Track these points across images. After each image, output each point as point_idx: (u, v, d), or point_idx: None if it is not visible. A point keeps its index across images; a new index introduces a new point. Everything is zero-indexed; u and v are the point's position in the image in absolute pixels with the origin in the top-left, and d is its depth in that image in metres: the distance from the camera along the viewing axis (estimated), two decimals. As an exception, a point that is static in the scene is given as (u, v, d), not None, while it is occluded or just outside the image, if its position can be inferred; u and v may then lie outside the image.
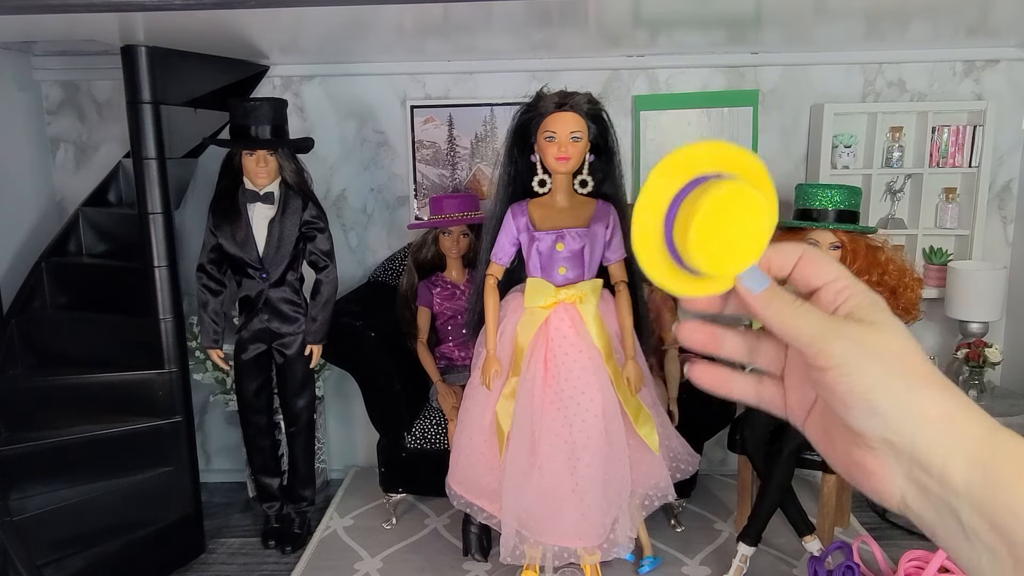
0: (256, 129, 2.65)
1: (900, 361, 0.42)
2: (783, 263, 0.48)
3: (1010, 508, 0.37)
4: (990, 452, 0.38)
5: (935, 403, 0.40)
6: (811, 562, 2.59)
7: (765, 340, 0.50)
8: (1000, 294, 3.06)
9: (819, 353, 0.43)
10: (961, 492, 0.39)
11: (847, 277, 0.47)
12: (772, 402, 0.51)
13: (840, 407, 0.43)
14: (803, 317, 0.44)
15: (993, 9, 2.55)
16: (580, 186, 2.34)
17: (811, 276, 0.47)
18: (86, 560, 2.59)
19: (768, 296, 0.46)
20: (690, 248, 0.46)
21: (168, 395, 2.81)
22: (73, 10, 2.06)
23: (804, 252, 0.48)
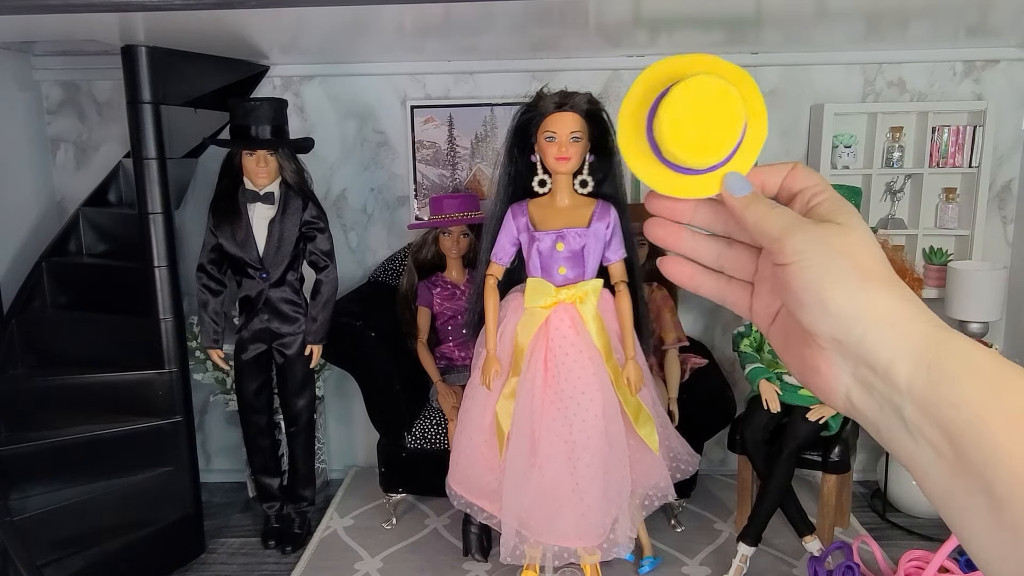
0: (256, 129, 2.65)
1: (857, 260, 0.42)
2: (774, 181, 0.50)
3: (951, 403, 0.37)
4: (934, 350, 0.39)
5: (886, 302, 0.41)
6: (811, 562, 2.59)
7: (737, 247, 0.51)
8: (1000, 294, 3.06)
9: (782, 248, 0.44)
10: (904, 389, 0.39)
11: (825, 184, 0.48)
12: (736, 304, 0.51)
13: (795, 304, 0.44)
14: (774, 215, 0.46)
15: (993, 9, 2.55)
16: (580, 186, 2.34)
17: (794, 184, 0.49)
18: (86, 560, 2.59)
19: (749, 198, 0.48)
20: (665, 138, 0.48)
21: (168, 395, 2.81)
22: (73, 10, 2.06)
23: (795, 165, 0.50)
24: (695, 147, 0.48)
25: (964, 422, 0.36)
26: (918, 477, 0.40)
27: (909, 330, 0.40)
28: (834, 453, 2.80)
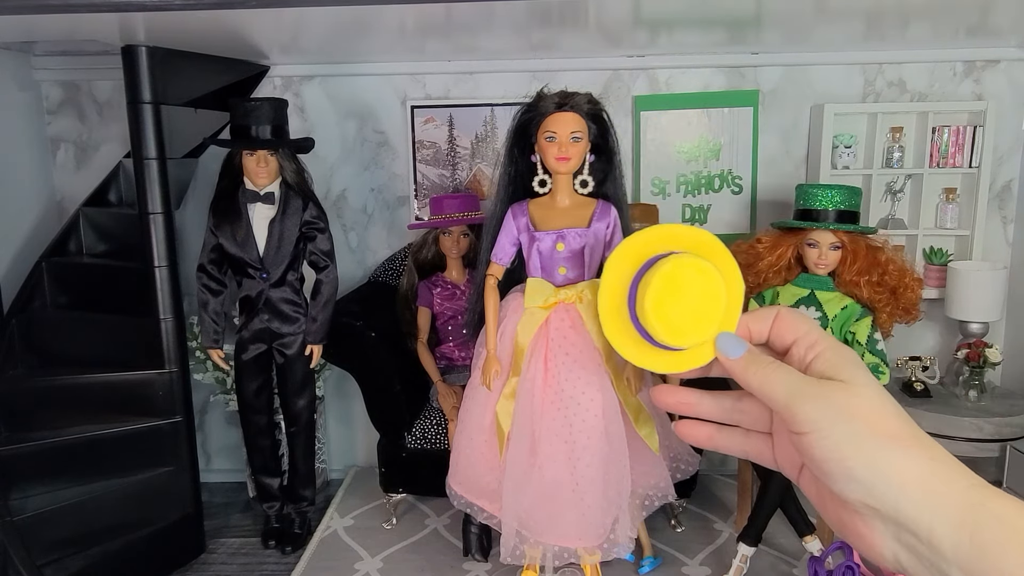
0: (256, 129, 2.65)
1: (872, 423, 0.42)
2: (761, 327, 0.50)
3: (999, 571, 0.37)
4: (975, 515, 0.38)
5: (912, 465, 0.40)
6: (811, 562, 2.59)
7: (748, 400, 0.50)
8: (1000, 294, 3.06)
9: (794, 417, 0.44)
10: (950, 556, 0.38)
11: (817, 331, 0.48)
12: (760, 456, 0.51)
13: (820, 473, 0.43)
14: (777, 378, 0.45)
15: (993, 9, 2.55)
16: (580, 186, 2.34)
17: (785, 333, 0.49)
18: (86, 560, 2.59)
19: (746, 360, 0.48)
20: (651, 326, 0.48)
21: (168, 395, 2.81)
22: (74, 10, 2.06)
23: (778, 312, 0.50)
24: (684, 331, 0.49)
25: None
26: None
27: (945, 494, 0.39)
28: (834, 453, 2.80)
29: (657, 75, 3.33)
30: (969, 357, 3.01)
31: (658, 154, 3.38)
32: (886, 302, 2.61)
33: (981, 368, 3.01)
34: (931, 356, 3.10)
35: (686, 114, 3.34)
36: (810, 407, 0.43)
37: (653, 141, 3.37)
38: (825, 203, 2.72)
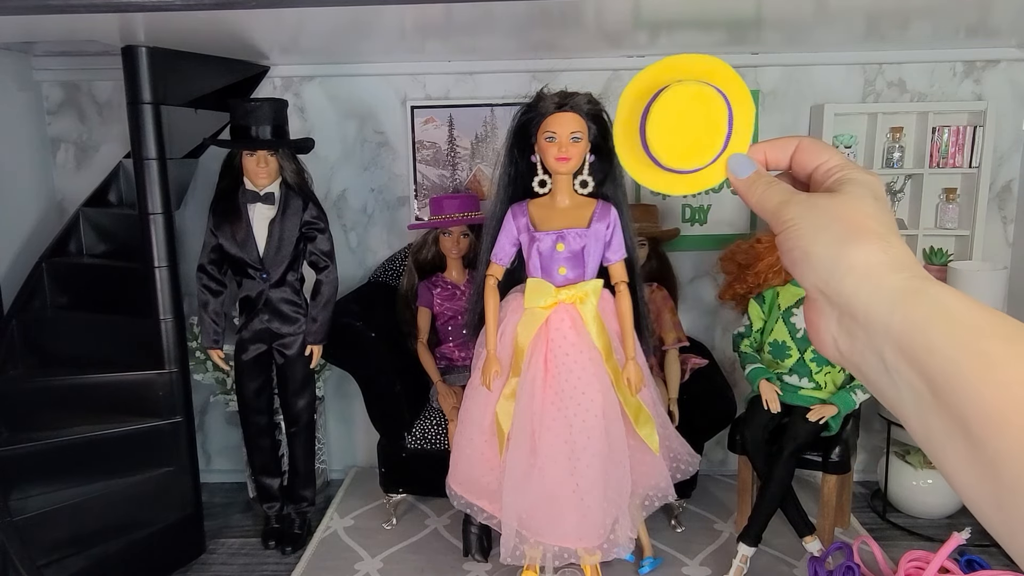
0: (256, 129, 2.65)
1: (844, 220, 0.45)
2: (779, 156, 0.53)
3: (926, 348, 0.39)
4: (910, 298, 0.41)
5: (864, 254, 0.43)
6: (811, 562, 2.58)
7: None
8: (1000, 295, 3.06)
9: (777, 219, 0.48)
10: (882, 334, 0.41)
11: (837, 157, 0.50)
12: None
13: (788, 264, 0.47)
14: (772, 191, 0.50)
15: (993, 9, 2.55)
16: (580, 186, 2.34)
17: (807, 162, 0.52)
18: (86, 560, 2.59)
19: (752, 178, 0.51)
20: (660, 154, 0.51)
21: (168, 395, 2.81)
22: (73, 10, 2.06)
23: (800, 142, 0.52)
24: (689, 155, 0.51)
25: (939, 367, 0.38)
26: (902, 418, 0.42)
27: (884, 278, 0.42)
28: (834, 453, 2.80)
29: (657, 75, 3.33)
30: (969, 357, 3.01)
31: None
32: None
33: (981, 368, 3.00)
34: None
35: (686, 114, 3.34)
36: (793, 208, 0.47)
37: (653, 141, 3.36)
38: (825, 203, 2.72)
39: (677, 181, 0.53)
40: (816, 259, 0.45)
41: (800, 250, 0.46)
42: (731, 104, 0.52)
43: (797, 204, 0.47)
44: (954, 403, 0.37)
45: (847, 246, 0.44)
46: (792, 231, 0.47)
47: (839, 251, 0.44)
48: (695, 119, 0.51)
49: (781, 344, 2.80)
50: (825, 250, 0.45)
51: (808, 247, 0.45)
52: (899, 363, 0.40)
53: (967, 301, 0.40)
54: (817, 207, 0.47)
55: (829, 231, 0.45)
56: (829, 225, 0.45)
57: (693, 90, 0.51)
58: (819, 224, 0.46)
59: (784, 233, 0.47)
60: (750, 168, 0.52)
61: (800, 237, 0.46)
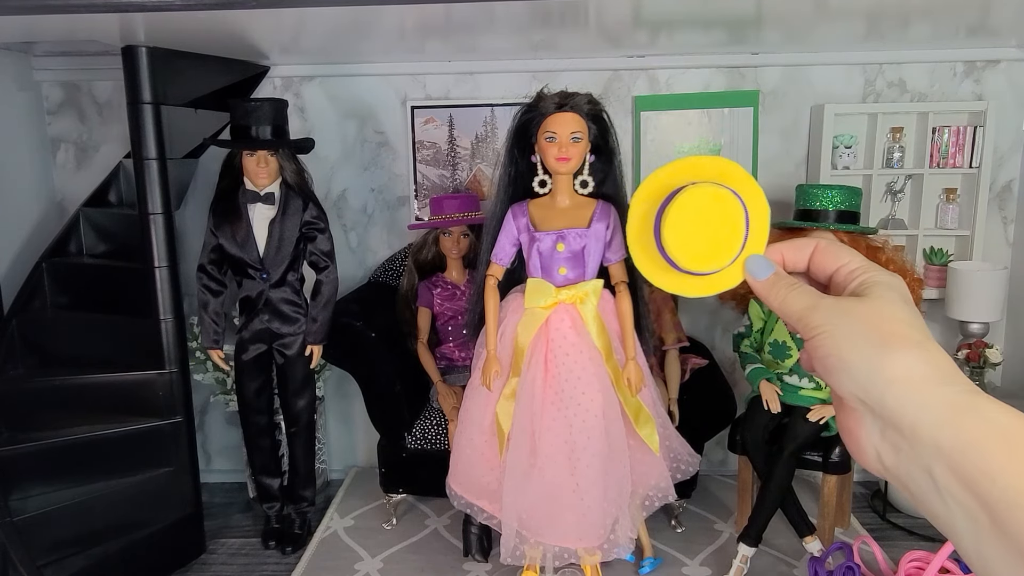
0: (257, 129, 2.65)
1: (877, 325, 0.43)
2: (797, 257, 0.52)
3: (984, 473, 0.36)
4: (961, 413, 0.38)
5: (906, 365, 0.41)
6: (812, 563, 2.58)
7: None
8: (1000, 295, 3.06)
9: (805, 324, 0.46)
10: (932, 452, 0.39)
11: (858, 259, 0.49)
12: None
13: (822, 371, 0.45)
14: (795, 294, 0.48)
15: (993, 9, 2.55)
16: (581, 186, 2.34)
17: (826, 264, 0.51)
18: (86, 560, 2.59)
19: (771, 280, 0.50)
20: (673, 253, 0.51)
21: (168, 395, 2.81)
22: (73, 10, 2.06)
23: (818, 244, 0.51)
24: (706, 257, 0.51)
25: (999, 494, 0.35)
26: (952, 539, 0.39)
27: (931, 393, 0.40)
28: (834, 454, 2.80)
29: (657, 75, 3.33)
30: (969, 358, 3.01)
31: (658, 154, 3.38)
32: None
33: (981, 369, 3.00)
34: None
35: (686, 114, 3.34)
36: (821, 313, 0.46)
37: (653, 141, 3.37)
38: (825, 203, 2.72)
39: (693, 283, 0.53)
40: (854, 368, 0.43)
41: (836, 358, 0.44)
42: (746, 205, 0.52)
43: (826, 309, 0.46)
44: (1018, 534, 0.34)
45: (886, 355, 0.42)
46: (825, 338, 0.45)
47: (879, 360, 0.42)
48: (712, 221, 0.50)
49: (781, 344, 2.80)
50: (863, 359, 0.42)
51: (844, 355, 0.43)
52: (951, 484, 0.38)
53: (1022, 419, 0.37)
54: (848, 312, 0.45)
55: (865, 338, 0.43)
56: (864, 332, 0.43)
57: (710, 192, 0.51)
58: (853, 331, 0.44)
59: (816, 340, 0.45)
60: (768, 270, 0.51)
61: (834, 345, 0.44)
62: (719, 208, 0.51)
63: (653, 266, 0.53)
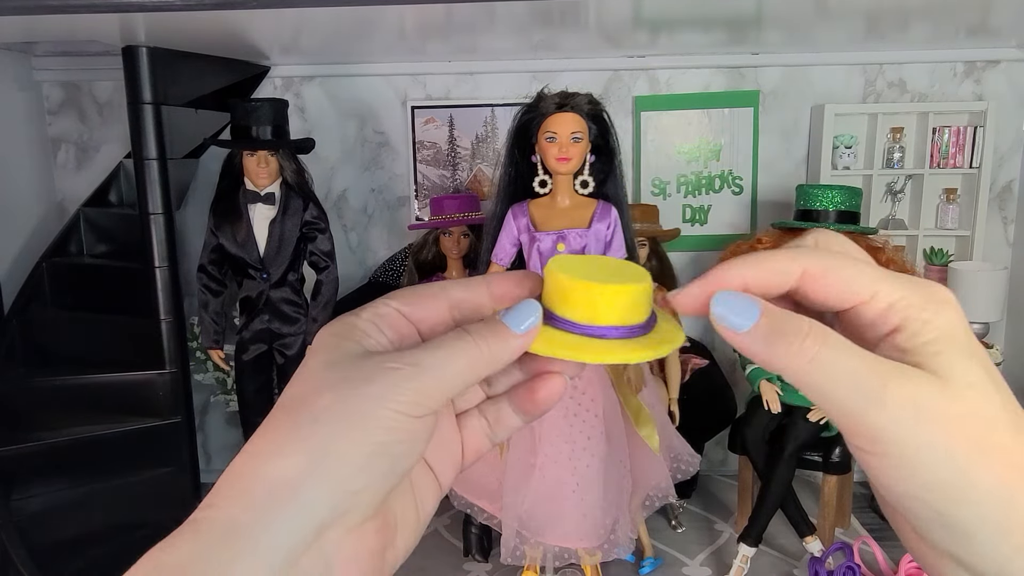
0: (257, 130, 2.65)
1: (981, 444, 0.27)
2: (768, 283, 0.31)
3: None
4: None
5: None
6: (812, 563, 2.58)
7: None
8: (1001, 295, 3.05)
9: (857, 430, 0.28)
10: None
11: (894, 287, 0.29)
12: None
13: (897, 506, 0.30)
14: (827, 366, 0.28)
15: (993, 10, 2.55)
16: (581, 187, 2.34)
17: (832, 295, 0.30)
18: (86, 560, 2.59)
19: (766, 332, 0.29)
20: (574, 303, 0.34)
21: (168, 395, 2.81)
22: (73, 10, 2.06)
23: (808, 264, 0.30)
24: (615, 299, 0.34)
25: None
26: None
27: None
28: (835, 454, 2.80)
29: (657, 75, 3.33)
30: (970, 357, 3.01)
31: (658, 154, 3.38)
32: None
33: (982, 368, 3.00)
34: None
35: (686, 114, 3.34)
36: (887, 417, 0.27)
37: (653, 141, 3.37)
38: (826, 203, 2.72)
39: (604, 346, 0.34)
40: (957, 522, 0.27)
41: (923, 505, 0.28)
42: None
43: (894, 408, 0.27)
44: None
45: (1003, 502, 0.27)
46: (900, 471, 0.28)
47: (994, 513, 0.27)
48: (601, 264, 0.36)
49: (781, 344, 2.80)
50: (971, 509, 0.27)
51: (940, 505, 0.27)
52: None
53: None
54: (937, 419, 0.27)
55: (967, 474, 0.27)
56: (962, 460, 0.27)
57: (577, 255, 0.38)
58: (944, 460, 0.27)
59: (882, 464, 0.28)
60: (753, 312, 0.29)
61: (922, 487, 0.28)
62: (600, 259, 0.37)
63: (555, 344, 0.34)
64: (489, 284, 0.35)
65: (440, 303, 0.35)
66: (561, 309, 0.35)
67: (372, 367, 0.31)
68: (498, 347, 0.32)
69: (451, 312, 0.35)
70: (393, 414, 0.30)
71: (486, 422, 0.37)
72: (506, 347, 0.32)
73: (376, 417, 0.29)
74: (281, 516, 0.28)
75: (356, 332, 0.33)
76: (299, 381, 0.33)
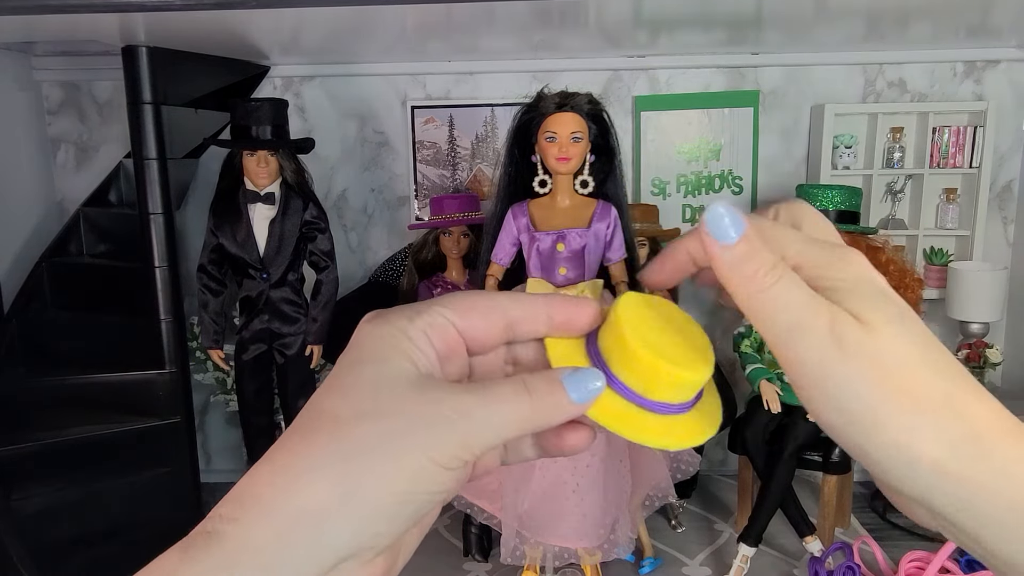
0: (257, 129, 2.65)
1: (895, 381, 0.29)
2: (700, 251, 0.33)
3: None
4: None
5: (939, 445, 0.29)
6: (812, 563, 2.58)
7: None
8: (1001, 295, 3.06)
9: (787, 360, 0.31)
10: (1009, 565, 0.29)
11: (805, 249, 0.32)
12: None
13: (834, 438, 0.32)
14: (773, 299, 0.31)
15: (993, 9, 2.55)
16: (581, 186, 2.34)
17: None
18: (86, 560, 2.59)
19: (744, 251, 0.31)
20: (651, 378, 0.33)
21: (168, 395, 2.81)
22: (73, 10, 2.06)
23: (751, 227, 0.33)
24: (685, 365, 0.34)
25: None
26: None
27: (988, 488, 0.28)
28: (835, 454, 2.80)
29: (657, 75, 3.33)
30: (969, 358, 3.01)
31: (658, 154, 3.38)
32: None
33: (982, 369, 3.00)
34: (931, 356, 3.09)
35: (686, 114, 3.34)
36: (810, 346, 0.30)
37: (653, 141, 3.37)
38: (825, 203, 2.72)
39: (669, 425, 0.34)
40: (877, 458, 0.30)
41: (855, 443, 0.30)
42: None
43: (819, 338, 0.30)
44: None
45: (913, 432, 0.29)
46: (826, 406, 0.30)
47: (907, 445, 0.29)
48: (671, 323, 0.36)
49: (781, 344, 2.80)
50: (887, 444, 0.29)
51: (864, 444, 0.30)
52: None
53: None
54: (853, 354, 0.29)
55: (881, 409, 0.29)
56: (877, 398, 0.29)
57: (638, 296, 0.36)
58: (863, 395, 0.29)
59: (811, 399, 0.31)
60: (738, 228, 0.31)
61: (847, 423, 0.30)
62: (661, 306, 0.36)
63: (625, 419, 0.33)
64: (549, 308, 0.34)
65: (496, 319, 0.34)
66: (618, 368, 0.34)
67: (423, 405, 0.30)
68: (551, 411, 0.31)
69: (505, 331, 0.34)
70: (431, 464, 0.29)
71: (503, 447, 0.37)
72: (559, 413, 0.31)
73: (412, 467, 0.29)
74: (303, 546, 0.28)
75: (406, 344, 0.32)
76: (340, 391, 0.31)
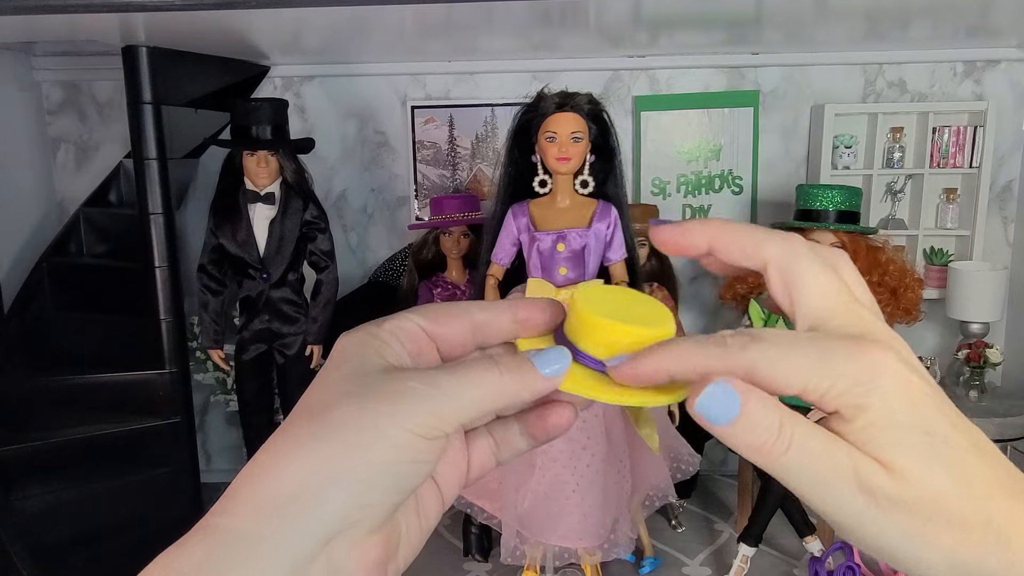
0: (257, 129, 2.65)
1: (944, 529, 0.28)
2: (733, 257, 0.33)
3: None
4: None
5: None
6: (812, 563, 2.58)
7: None
8: (1001, 294, 3.06)
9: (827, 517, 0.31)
10: None
11: (823, 376, 0.31)
12: None
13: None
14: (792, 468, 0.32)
15: (993, 9, 2.55)
16: (581, 186, 2.34)
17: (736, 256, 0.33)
18: (86, 560, 2.59)
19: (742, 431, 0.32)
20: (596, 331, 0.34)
21: (168, 395, 2.81)
22: (73, 10, 2.06)
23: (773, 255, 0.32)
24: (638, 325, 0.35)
25: None
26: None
27: None
28: (835, 453, 2.79)
29: (657, 75, 3.33)
30: (970, 357, 3.01)
31: (658, 154, 3.38)
32: (887, 302, 2.61)
33: (982, 368, 3.00)
34: (931, 357, 3.10)
35: (686, 114, 3.34)
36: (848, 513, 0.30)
37: (653, 141, 3.37)
38: (825, 203, 2.72)
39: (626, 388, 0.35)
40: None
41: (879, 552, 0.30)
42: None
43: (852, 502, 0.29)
44: None
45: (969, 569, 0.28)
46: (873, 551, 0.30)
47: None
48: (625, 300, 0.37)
49: (781, 344, 2.80)
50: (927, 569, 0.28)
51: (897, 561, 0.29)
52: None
53: None
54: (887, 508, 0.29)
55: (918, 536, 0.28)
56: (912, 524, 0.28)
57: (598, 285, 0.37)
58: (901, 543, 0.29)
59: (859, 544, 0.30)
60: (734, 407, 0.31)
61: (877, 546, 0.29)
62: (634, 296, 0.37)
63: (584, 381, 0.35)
64: (514, 309, 0.35)
65: (463, 323, 0.35)
66: (584, 344, 0.35)
67: (392, 383, 0.31)
68: (520, 384, 0.32)
69: (473, 334, 0.35)
70: (406, 434, 0.30)
71: (493, 441, 0.37)
72: (528, 387, 0.32)
73: (389, 435, 0.30)
74: (291, 526, 0.29)
75: (376, 343, 0.33)
76: (316, 390, 0.32)
